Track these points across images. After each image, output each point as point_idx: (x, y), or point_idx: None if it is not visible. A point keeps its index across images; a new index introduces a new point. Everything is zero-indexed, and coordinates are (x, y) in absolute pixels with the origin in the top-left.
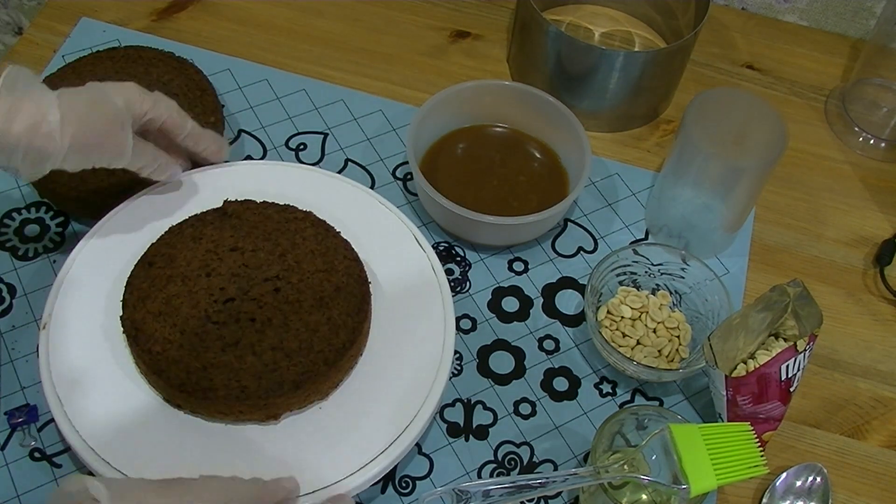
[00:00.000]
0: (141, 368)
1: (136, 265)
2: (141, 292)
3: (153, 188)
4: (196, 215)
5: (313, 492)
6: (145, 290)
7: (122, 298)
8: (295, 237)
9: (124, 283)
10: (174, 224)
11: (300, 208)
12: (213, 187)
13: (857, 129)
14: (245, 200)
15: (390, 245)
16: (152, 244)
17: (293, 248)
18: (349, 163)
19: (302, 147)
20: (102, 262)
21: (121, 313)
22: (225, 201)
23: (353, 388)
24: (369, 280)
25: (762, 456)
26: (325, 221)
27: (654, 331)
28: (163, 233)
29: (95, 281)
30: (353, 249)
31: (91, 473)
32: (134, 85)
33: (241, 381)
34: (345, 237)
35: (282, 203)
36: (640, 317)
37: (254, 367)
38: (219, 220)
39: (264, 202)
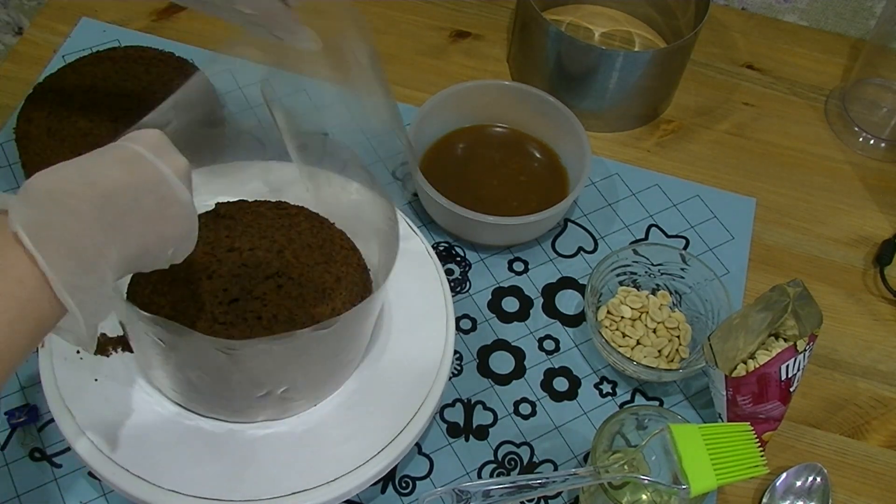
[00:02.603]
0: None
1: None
2: (144, 298)
3: None
4: None
5: (313, 488)
6: (149, 296)
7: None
8: (290, 232)
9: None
10: None
11: (292, 203)
12: (206, 190)
13: (857, 129)
14: (238, 201)
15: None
16: None
17: (290, 243)
18: (349, 163)
19: (302, 147)
20: None
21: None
22: (217, 203)
23: (354, 388)
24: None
25: (762, 456)
26: (318, 214)
27: (654, 331)
28: None
29: None
30: (349, 239)
31: (91, 474)
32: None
33: None
34: (340, 228)
35: (274, 200)
36: (640, 317)
37: None
38: (212, 221)
39: (256, 201)
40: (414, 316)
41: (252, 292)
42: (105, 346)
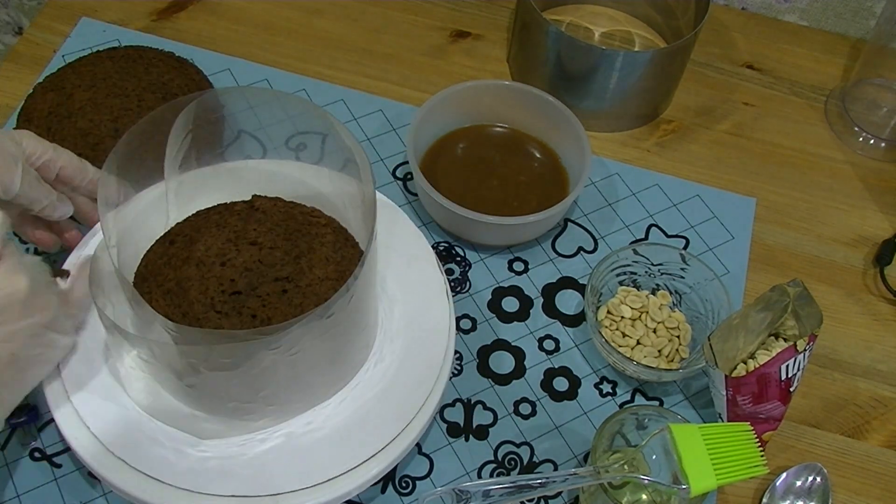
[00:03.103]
0: None
1: (156, 241)
2: (156, 268)
3: (185, 173)
4: (225, 204)
5: (313, 486)
6: (160, 267)
7: (135, 269)
8: (314, 241)
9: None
10: (202, 209)
11: (325, 213)
12: (246, 180)
13: (857, 129)
14: (274, 197)
15: (391, 245)
16: (178, 223)
17: (310, 251)
18: (349, 163)
19: (302, 147)
20: (129, 230)
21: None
22: (254, 196)
23: (354, 389)
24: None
25: (762, 456)
26: (346, 230)
27: (654, 331)
28: (189, 215)
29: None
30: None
31: (91, 474)
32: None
33: None
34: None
35: (309, 206)
36: (640, 317)
37: None
38: (245, 212)
39: (292, 202)
40: (414, 316)
41: (256, 290)
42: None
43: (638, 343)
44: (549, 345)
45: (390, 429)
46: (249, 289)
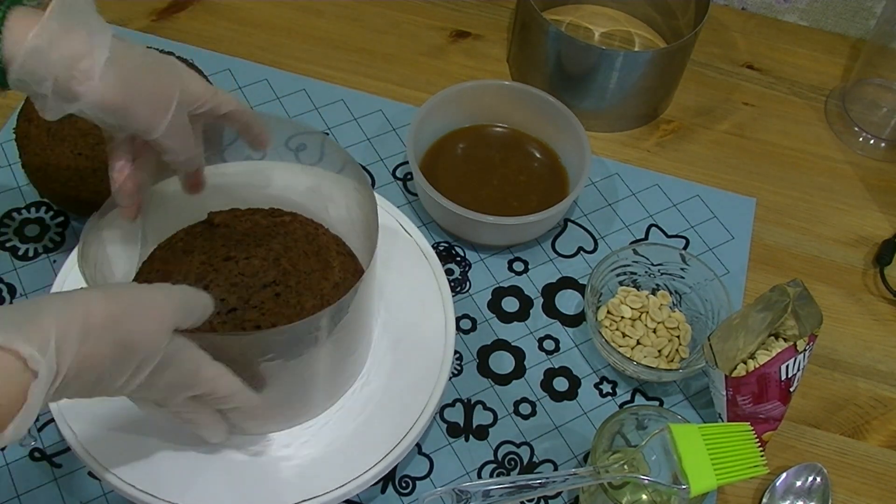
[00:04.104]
0: None
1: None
2: None
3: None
4: (184, 229)
5: (317, 496)
6: None
7: None
8: (286, 240)
9: None
10: (162, 241)
11: (285, 210)
12: (217, 190)
13: (857, 129)
14: (230, 210)
15: (390, 246)
16: (144, 262)
17: (286, 251)
18: (348, 164)
19: (302, 147)
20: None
21: None
22: (210, 213)
23: (354, 389)
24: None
25: (762, 456)
26: (312, 220)
27: (654, 331)
28: (153, 249)
29: None
30: (344, 244)
31: (91, 474)
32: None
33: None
34: (335, 234)
35: (268, 207)
36: (640, 317)
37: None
38: (207, 231)
39: (249, 209)
40: (414, 316)
41: (249, 301)
42: None
43: (638, 343)
44: (549, 345)
45: (393, 432)
46: (243, 302)
